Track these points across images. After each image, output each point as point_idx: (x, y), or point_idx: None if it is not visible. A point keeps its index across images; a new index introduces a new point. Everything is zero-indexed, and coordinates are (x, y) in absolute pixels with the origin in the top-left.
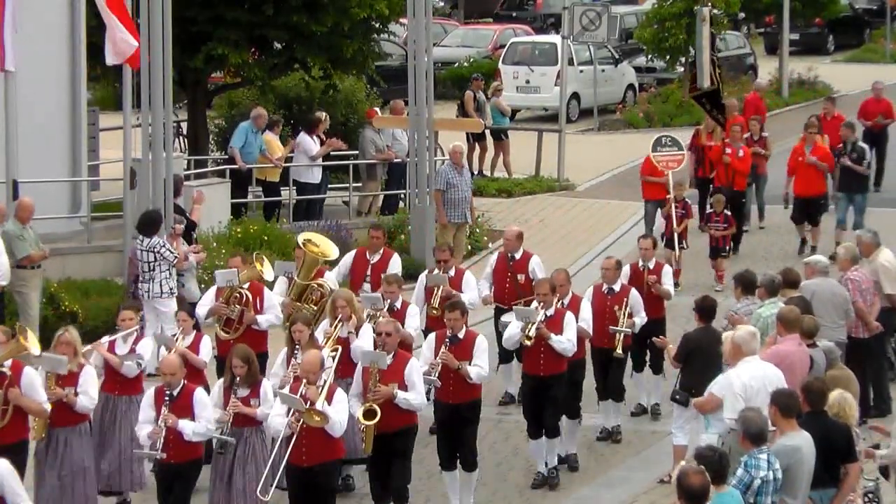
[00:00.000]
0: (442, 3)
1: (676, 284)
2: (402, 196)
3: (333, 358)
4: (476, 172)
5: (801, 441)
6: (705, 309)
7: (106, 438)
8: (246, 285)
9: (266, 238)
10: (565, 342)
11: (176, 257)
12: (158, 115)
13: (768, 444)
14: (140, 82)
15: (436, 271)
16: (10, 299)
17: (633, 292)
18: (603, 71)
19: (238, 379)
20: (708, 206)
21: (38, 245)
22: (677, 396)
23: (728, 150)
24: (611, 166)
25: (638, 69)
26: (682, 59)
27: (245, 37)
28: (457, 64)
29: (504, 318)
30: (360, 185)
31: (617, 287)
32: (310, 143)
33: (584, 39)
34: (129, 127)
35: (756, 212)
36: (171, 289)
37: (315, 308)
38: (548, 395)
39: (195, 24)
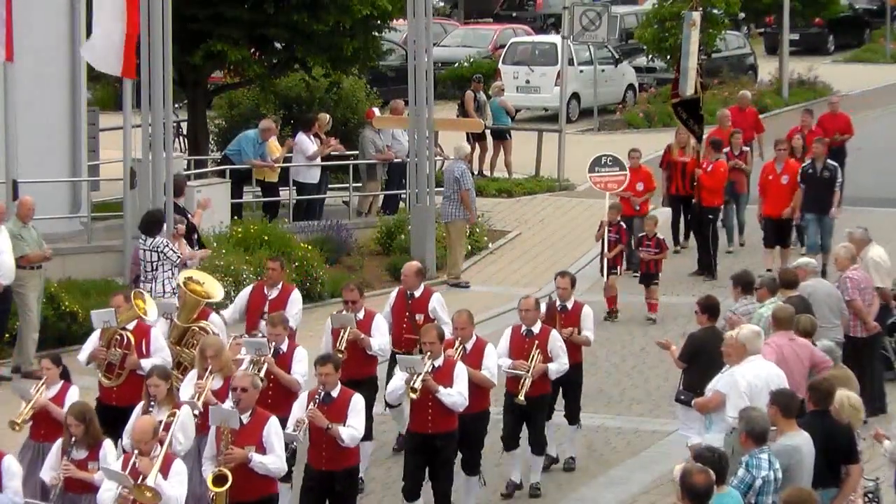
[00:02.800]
0: (442, 3)
1: (613, 313)
2: (403, 196)
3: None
4: (476, 172)
5: (800, 441)
6: (710, 308)
7: None
8: (132, 325)
9: (266, 238)
10: (455, 396)
11: (179, 257)
12: (158, 115)
13: (768, 444)
14: (140, 82)
15: (343, 311)
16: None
17: (554, 334)
18: (603, 71)
19: (74, 439)
20: (682, 224)
21: (41, 245)
22: (682, 397)
23: (704, 164)
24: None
25: (638, 69)
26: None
27: (245, 35)
28: (457, 64)
29: (399, 365)
30: (360, 185)
31: (536, 329)
32: (307, 143)
33: (584, 39)
34: (129, 127)
35: (736, 230)
36: (173, 289)
37: (196, 354)
38: (438, 457)
39: (195, 22)
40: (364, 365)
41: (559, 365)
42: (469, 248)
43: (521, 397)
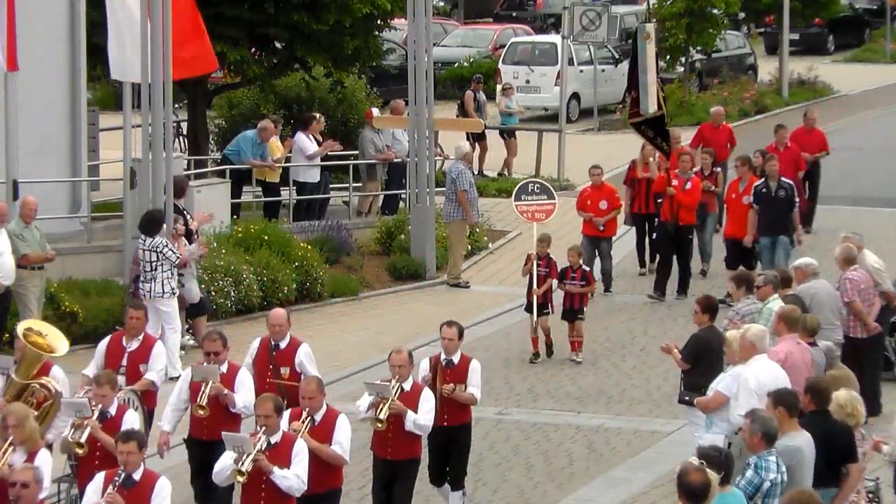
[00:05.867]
0: (442, 3)
1: (548, 351)
2: (403, 196)
3: None
4: (476, 172)
5: (802, 441)
6: (711, 308)
7: None
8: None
9: (266, 238)
10: (292, 479)
11: (178, 257)
12: (158, 115)
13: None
14: (140, 83)
15: (205, 363)
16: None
17: (426, 392)
18: (603, 71)
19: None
20: (648, 245)
21: (44, 246)
22: (686, 398)
23: (675, 182)
24: (611, 166)
25: None
26: (683, 59)
27: (245, 35)
28: (457, 64)
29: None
30: (360, 185)
31: (408, 386)
32: (305, 142)
33: (584, 39)
34: (129, 127)
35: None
36: (172, 289)
37: (37, 413)
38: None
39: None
40: (226, 423)
41: (418, 417)
42: (469, 248)
43: (380, 421)
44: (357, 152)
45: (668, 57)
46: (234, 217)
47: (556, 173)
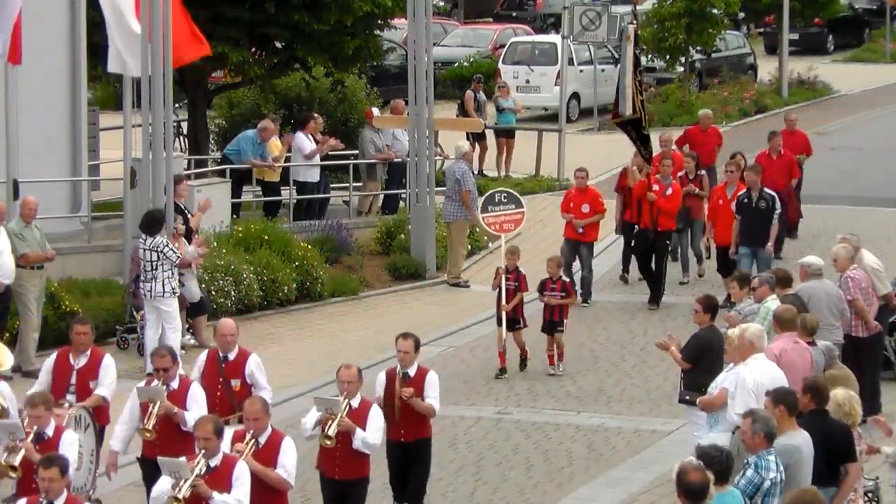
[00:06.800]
0: (442, 3)
1: (522, 364)
2: (403, 196)
3: None
4: (476, 172)
5: (800, 441)
6: (712, 307)
7: None
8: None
9: (266, 238)
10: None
11: (179, 257)
12: (158, 115)
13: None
14: (140, 82)
15: (154, 382)
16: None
17: (374, 410)
18: (603, 71)
19: None
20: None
21: (44, 246)
22: (687, 397)
23: (655, 187)
24: (611, 166)
25: None
26: (682, 59)
27: (246, 35)
28: (457, 64)
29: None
30: (360, 184)
31: (356, 403)
32: (304, 142)
33: (584, 39)
34: (129, 127)
35: (693, 259)
36: (172, 288)
37: None
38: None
39: (196, 23)
40: (177, 445)
41: (367, 435)
42: (469, 247)
43: (328, 438)
44: (357, 152)
45: (668, 57)
46: (234, 217)
47: (556, 173)
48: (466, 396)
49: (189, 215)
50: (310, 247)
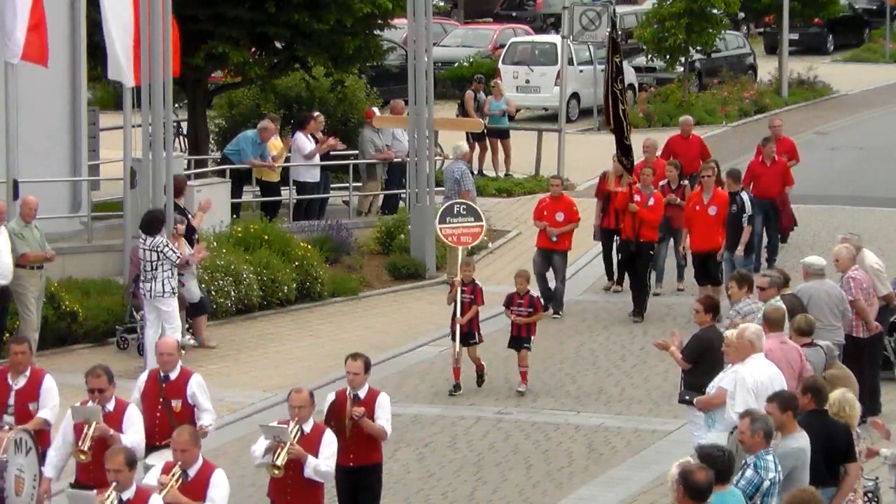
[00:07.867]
0: (442, 3)
1: (479, 380)
2: (403, 196)
3: None
4: (476, 172)
5: (804, 442)
6: (713, 307)
7: None
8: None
9: (266, 237)
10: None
11: (179, 257)
12: (158, 115)
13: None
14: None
15: (89, 403)
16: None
17: (328, 435)
18: (603, 71)
19: None
20: (616, 262)
21: (44, 246)
22: (687, 397)
23: (637, 198)
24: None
25: (638, 69)
26: (682, 59)
27: (246, 35)
28: (457, 64)
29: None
30: (360, 184)
31: (308, 428)
32: (304, 142)
33: (584, 39)
34: (129, 127)
35: (675, 273)
36: (172, 288)
37: None
38: None
39: (196, 23)
40: None
41: (319, 463)
42: (469, 247)
43: (277, 467)
44: (357, 152)
45: (668, 57)
46: (234, 217)
47: (556, 173)
48: (466, 396)
49: (189, 216)
50: (310, 247)
